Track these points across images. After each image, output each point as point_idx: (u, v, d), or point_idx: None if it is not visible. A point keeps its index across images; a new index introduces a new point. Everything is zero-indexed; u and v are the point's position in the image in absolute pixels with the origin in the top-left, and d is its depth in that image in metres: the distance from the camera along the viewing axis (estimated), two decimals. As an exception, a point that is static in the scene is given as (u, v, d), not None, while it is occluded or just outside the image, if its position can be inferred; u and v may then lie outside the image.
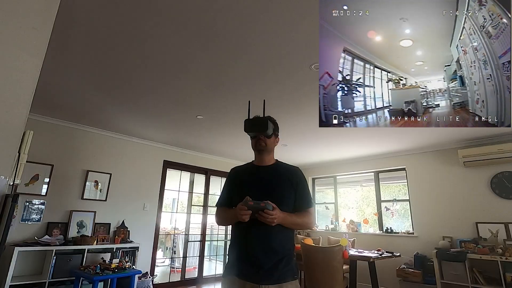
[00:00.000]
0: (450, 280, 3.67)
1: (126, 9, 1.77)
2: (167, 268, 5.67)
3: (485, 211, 3.93)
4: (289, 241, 1.40)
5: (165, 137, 4.65)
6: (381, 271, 4.29)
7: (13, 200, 1.02)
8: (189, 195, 5.57)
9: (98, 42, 2.11)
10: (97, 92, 2.99)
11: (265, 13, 1.75)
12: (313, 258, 3.29)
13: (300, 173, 1.49)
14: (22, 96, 1.04)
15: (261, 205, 1.25)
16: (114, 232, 4.23)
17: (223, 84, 2.70)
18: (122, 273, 3.46)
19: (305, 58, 2.22)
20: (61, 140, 3.97)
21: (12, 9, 1.04)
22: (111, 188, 4.34)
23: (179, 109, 3.38)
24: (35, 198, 3.64)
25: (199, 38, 2.02)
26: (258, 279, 1.27)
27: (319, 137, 4.24)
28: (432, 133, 3.95)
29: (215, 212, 1.55)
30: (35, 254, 3.43)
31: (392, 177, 5.24)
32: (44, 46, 1.12)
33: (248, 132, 1.49)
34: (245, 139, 1.55)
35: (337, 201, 5.93)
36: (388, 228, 4.87)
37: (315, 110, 3.17)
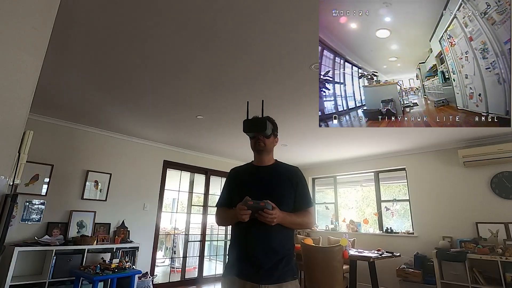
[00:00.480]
0: (450, 280, 3.67)
1: (126, 9, 1.77)
2: (167, 268, 5.67)
3: (485, 211, 3.93)
4: (289, 241, 1.40)
5: (165, 137, 4.65)
6: (381, 271, 4.29)
7: (13, 200, 1.02)
8: (189, 195, 5.57)
9: (98, 42, 2.11)
10: (97, 92, 2.99)
11: (265, 13, 1.75)
12: (313, 258, 3.29)
13: (299, 173, 1.49)
14: (22, 96, 1.04)
15: (260, 204, 1.25)
16: (114, 232, 4.23)
17: (223, 84, 2.70)
18: (122, 273, 3.46)
19: (305, 58, 2.22)
20: (61, 140, 3.97)
21: (12, 9, 1.04)
22: (111, 188, 4.34)
23: (179, 109, 3.38)
24: (35, 198, 3.64)
25: (199, 38, 2.02)
26: (258, 279, 1.27)
27: (319, 137, 4.24)
28: (432, 133, 3.95)
29: (215, 212, 1.55)
30: (35, 254, 3.43)
31: (392, 177, 5.24)
32: (44, 46, 1.12)
33: (247, 133, 1.49)
34: (245, 139, 1.54)
35: (337, 201, 5.92)
36: (388, 228, 4.87)
37: (315, 110, 3.17)
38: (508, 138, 3.82)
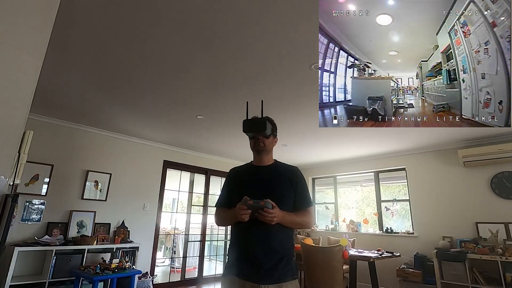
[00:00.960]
0: (450, 280, 3.67)
1: (126, 9, 1.77)
2: (167, 268, 5.67)
3: (485, 211, 3.93)
4: (289, 241, 1.40)
5: (165, 137, 4.65)
6: (381, 271, 4.29)
7: (13, 200, 1.02)
8: (189, 195, 5.57)
9: (98, 42, 2.11)
10: (97, 92, 2.99)
11: (265, 13, 1.75)
12: (313, 258, 3.29)
13: (299, 173, 1.50)
14: (22, 96, 1.04)
15: (260, 204, 1.25)
16: (114, 232, 4.23)
17: (223, 84, 2.70)
18: (122, 273, 3.46)
19: (305, 58, 2.22)
20: (61, 140, 3.97)
21: (12, 9, 1.04)
22: (111, 188, 4.34)
23: (179, 109, 3.38)
24: (35, 198, 3.64)
25: (199, 38, 2.02)
26: (258, 279, 1.27)
27: (319, 137, 4.24)
28: (432, 133, 3.95)
29: (215, 212, 1.55)
30: (35, 254, 3.43)
31: (392, 177, 5.24)
32: (44, 46, 1.12)
33: (246, 133, 1.49)
34: (245, 139, 1.54)
35: (337, 201, 5.92)
36: (388, 228, 4.87)
37: (315, 110, 3.17)
38: (508, 138, 3.82)
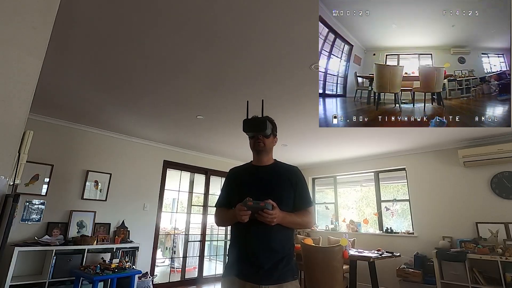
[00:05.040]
0: (450, 280, 3.67)
1: (126, 9, 1.77)
2: (167, 268, 5.67)
3: (485, 211, 3.93)
4: (289, 241, 1.40)
5: (165, 137, 4.65)
6: (381, 271, 4.29)
7: (14, 200, 1.01)
8: (189, 195, 5.57)
9: (98, 42, 2.11)
10: (97, 92, 2.99)
11: (265, 13, 1.75)
12: (313, 258, 3.29)
13: (299, 173, 1.49)
14: (22, 96, 1.04)
15: (260, 205, 1.25)
16: (114, 232, 4.23)
17: (223, 84, 2.70)
18: (122, 273, 3.46)
19: (305, 58, 2.22)
20: (61, 140, 3.97)
21: (12, 9, 1.04)
22: (111, 188, 4.34)
23: (179, 109, 3.38)
24: (35, 198, 3.64)
25: (199, 38, 2.02)
26: (258, 279, 1.27)
27: (319, 137, 4.24)
28: (432, 133, 3.95)
29: (214, 212, 1.54)
30: (35, 254, 3.43)
31: (392, 177, 5.24)
32: (44, 46, 1.12)
33: (246, 132, 1.48)
34: (245, 139, 1.54)
35: (337, 201, 5.92)
36: (388, 228, 4.87)
37: (315, 110, 3.17)
38: (508, 138, 3.82)
